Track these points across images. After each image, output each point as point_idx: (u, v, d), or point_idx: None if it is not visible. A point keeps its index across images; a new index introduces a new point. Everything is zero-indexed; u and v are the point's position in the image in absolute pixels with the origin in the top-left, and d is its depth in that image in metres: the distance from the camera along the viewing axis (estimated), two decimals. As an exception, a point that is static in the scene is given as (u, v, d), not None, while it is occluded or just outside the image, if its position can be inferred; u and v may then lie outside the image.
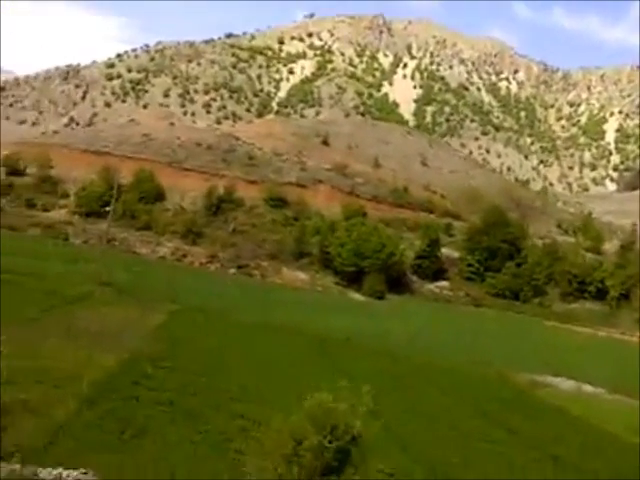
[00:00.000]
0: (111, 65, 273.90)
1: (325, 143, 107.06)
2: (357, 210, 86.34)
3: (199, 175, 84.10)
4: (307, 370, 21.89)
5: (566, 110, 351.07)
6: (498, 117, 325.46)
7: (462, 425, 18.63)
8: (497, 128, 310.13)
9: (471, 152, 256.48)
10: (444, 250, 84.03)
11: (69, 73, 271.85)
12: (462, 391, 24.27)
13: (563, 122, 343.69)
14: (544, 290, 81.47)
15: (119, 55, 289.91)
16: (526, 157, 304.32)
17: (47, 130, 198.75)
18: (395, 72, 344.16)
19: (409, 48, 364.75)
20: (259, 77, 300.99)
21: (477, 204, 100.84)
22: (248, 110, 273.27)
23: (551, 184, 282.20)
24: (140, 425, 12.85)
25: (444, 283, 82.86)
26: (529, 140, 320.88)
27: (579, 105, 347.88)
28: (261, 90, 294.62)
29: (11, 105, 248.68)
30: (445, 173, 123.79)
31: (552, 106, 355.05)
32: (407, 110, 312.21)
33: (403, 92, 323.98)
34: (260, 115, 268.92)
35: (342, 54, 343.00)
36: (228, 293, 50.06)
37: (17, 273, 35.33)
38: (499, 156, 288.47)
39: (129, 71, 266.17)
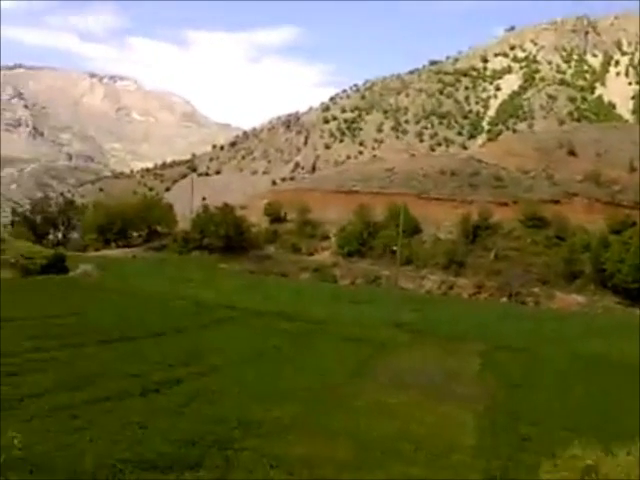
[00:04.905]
0: (326, 108, 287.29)
1: (572, 153, 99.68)
2: (624, 221, 78.34)
3: (448, 203, 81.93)
4: None
5: None
6: None
7: None
8: None
9: None
10: None
11: (290, 121, 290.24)
12: None
13: None
14: None
15: (332, 98, 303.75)
16: None
17: (276, 177, 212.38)
18: (607, 71, 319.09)
19: (619, 45, 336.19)
20: (466, 99, 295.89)
21: None
22: (459, 133, 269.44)
23: None
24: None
25: None
26: None
27: None
28: (470, 111, 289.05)
29: (243, 157, 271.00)
30: None
31: None
32: (625, 108, 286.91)
33: (618, 91, 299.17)
34: (472, 137, 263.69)
35: (549, 62, 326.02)
36: (516, 325, 46.19)
37: (309, 321, 34.95)
38: None
39: (343, 112, 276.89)
